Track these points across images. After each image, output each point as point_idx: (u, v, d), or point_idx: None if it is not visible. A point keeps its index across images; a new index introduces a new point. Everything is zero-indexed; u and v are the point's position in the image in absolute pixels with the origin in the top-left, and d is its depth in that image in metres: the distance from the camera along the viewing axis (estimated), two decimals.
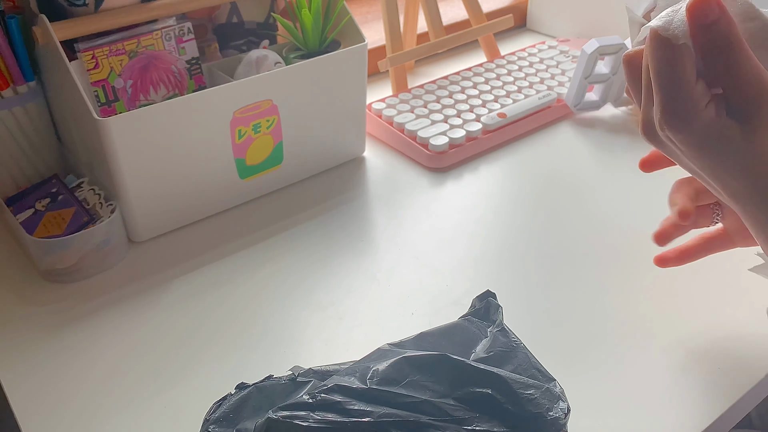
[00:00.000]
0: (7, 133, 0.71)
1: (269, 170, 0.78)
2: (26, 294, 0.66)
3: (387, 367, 0.44)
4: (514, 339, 0.48)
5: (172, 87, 0.73)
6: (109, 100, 0.69)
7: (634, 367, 0.57)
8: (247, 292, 0.66)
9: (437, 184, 0.82)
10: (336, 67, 0.77)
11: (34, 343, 0.60)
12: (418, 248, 0.71)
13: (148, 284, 0.67)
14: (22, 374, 0.57)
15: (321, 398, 0.42)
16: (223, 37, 0.82)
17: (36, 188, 0.71)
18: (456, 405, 0.43)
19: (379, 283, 0.67)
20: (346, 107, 0.81)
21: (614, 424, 0.52)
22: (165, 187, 0.70)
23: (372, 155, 0.87)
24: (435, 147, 0.83)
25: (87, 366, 0.58)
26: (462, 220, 0.76)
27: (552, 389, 0.44)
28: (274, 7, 0.84)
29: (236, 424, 0.44)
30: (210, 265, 0.69)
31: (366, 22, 1.13)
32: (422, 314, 0.63)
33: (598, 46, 0.87)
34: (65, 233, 0.66)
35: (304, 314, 0.63)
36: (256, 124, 0.74)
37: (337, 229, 0.74)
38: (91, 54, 0.67)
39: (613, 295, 0.64)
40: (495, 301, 0.52)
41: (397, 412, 0.42)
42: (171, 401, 0.55)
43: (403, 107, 0.90)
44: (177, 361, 0.58)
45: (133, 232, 0.71)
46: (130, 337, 0.61)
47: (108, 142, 0.64)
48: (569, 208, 0.77)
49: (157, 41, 0.70)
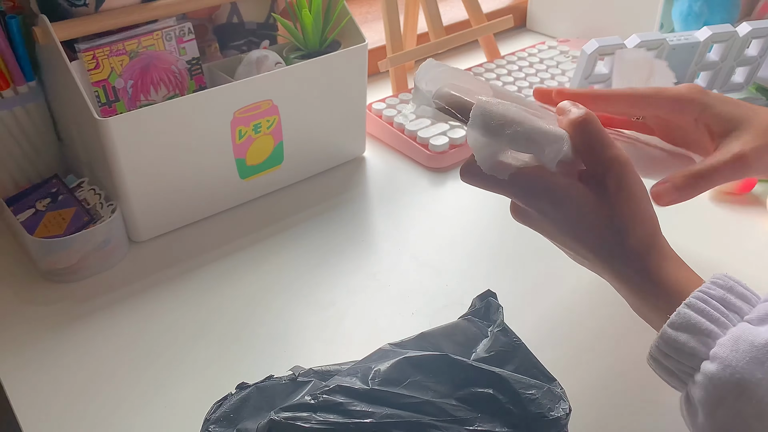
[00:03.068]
0: (8, 133, 0.71)
1: (269, 170, 0.78)
2: (26, 294, 0.66)
3: (388, 368, 0.44)
4: (515, 339, 0.48)
5: (173, 87, 0.73)
6: (109, 100, 0.69)
7: (634, 367, 0.57)
8: (248, 292, 0.66)
9: (437, 184, 0.82)
10: (336, 67, 0.77)
11: (35, 342, 0.60)
12: (418, 248, 0.71)
13: (148, 284, 0.67)
14: (22, 374, 0.57)
15: (323, 399, 0.42)
16: (224, 38, 0.82)
17: (36, 188, 0.71)
18: (458, 405, 0.43)
19: (379, 283, 0.67)
20: (346, 107, 0.81)
21: (614, 424, 0.53)
22: (165, 187, 0.70)
23: (372, 155, 0.87)
24: (435, 147, 0.83)
25: (87, 366, 0.58)
26: (462, 220, 0.76)
27: (553, 389, 0.45)
28: (274, 7, 0.84)
29: (236, 424, 0.44)
30: (210, 265, 0.69)
31: (366, 22, 1.13)
32: (422, 314, 0.63)
33: (598, 47, 0.86)
34: (66, 233, 0.66)
35: (304, 314, 0.63)
36: (257, 124, 0.74)
37: (337, 229, 0.74)
38: (91, 54, 0.67)
39: (614, 295, 0.64)
40: (495, 300, 0.52)
41: (399, 413, 0.42)
42: (171, 401, 0.55)
43: (403, 107, 0.91)
44: (177, 360, 0.58)
45: (133, 232, 0.71)
46: (131, 337, 0.61)
47: (108, 142, 0.64)
48: None
49: (157, 41, 0.70)
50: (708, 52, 0.83)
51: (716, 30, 0.80)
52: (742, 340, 0.41)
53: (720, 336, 0.41)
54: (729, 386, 0.40)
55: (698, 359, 0.42)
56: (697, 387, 0.41)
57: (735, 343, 0.41)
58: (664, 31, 1.03)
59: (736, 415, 0.40)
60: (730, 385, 0.40)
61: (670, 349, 0.43)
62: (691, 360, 0.42)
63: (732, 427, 0.40)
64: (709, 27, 0.81)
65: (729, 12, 0.98)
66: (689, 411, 0.43)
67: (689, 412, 0.43)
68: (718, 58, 0.83)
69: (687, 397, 0.43)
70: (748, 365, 0.40)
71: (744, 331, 0.41)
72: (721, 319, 0.42)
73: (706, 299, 0.43)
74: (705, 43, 0.81)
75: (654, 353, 0.44)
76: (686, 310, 0.43)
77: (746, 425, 0.39)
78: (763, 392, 0.39)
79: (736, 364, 0.40)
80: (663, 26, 1.03)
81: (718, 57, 0.83)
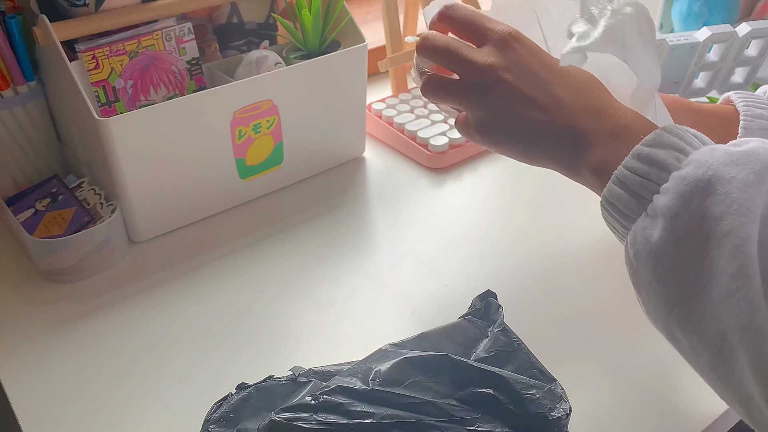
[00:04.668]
0: (8, 133, 0.71)
1: (269, 170, 0.78)
2: (26, 294, 0.66)
3: (389, 368, 0.44)
4: (515, 339, 0.48)
5: (173, 87, 0.73)
6: (109, 101, 0.69)
7: (635, 366, 0.57)
8: (248, 292, 0.66)
9: (437, 184, 0.82)
10: (336, 67, 0.77)
11: (35, 342, 0.60)
12: (418, 248, 0.71)
13: (148, 284, 0.67)
14: (22, 374, 0.57)
15: (323, 400, 0.42)
16: (223, 38, 0.82)
17: (36, 188, 0.71)
18: (458, 405, 0.43)
19: (379, 283, 0.67)
20: (346, 107, 0.81)
21: (614, 424, 0.53)
22: (165, 187, 0.70)
23: (372, 155, 0.87)
24: (435, 147, 0.83)
25: (87, 366, 0.58)
26: (462, 220, 0.76)
27: (554, 389, 0.45)
28: (274, 7, 0.84)
29: (236, 424, 0.45)
30: (210, 265, 0.69)
31: (366, 22, 1.13)
32: (422, 314, 0.63)
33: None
34: (65, 233, 0.66)
35: (304, 314, 0.63)
36: (257, 124, 0.74)
37: (337, 229, 0.74)
38: (91, 54, 0.67)
39: (614, 295, 0.64)
40: (495, 300, 0.52)
41: (400, 413, 0.42)
42: (171, 401, 0.55)
43: (403, 107, 0.91)
44: (177, 361, 0.58)
45: (133, 232, 0.71)
46: (130, 337, 0.61)
47: (108, 142, 0.64)
48: (569, 208, 0.77)
49: (157, 41, 0.70)
50: (707, 53, 0.83)
51: (716, 30, 0.80)
52: (718, 149, 0.39)
53: (693, 151, 0.40)
54: (700, 183, 0.38)
55: (668, 172, 0.40)
56: (663, 195, 0.39)
57: (711, 150, 0.39)
58: (663, 31, 1.04)
59: (700, 217, 0.38)
60: (702, 182, 0.38)
61: (641, 164, 0.41)
62: (660, 174, 0.40)
63: (693, 231, 0.38)
64: (709, 27, 0.81)
65: (729, 12, 0.98)
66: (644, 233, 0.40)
67: (644, 235, 0.40)
68: (718, 59, 0.84)
69: (645, 217, 0.41)
70: (722, 165, 0.38)
71: (720, 146, 0.40)
72: (695, 141, 0.41)
73: (681, 129, 0.42)
74: (704, 44, 0.81)
75: (619, 174, 0.42)
76: (662, 131, 0.41)
77: (707, 228, 0.37)
78: (733, 188, 0.37)
79: (710, 163, 0.38)
80: (663, 26, 1.03)
81: (717, 57, 0.84)
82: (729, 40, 0.81)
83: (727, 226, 0.37)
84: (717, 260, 0.37)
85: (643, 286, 0.41)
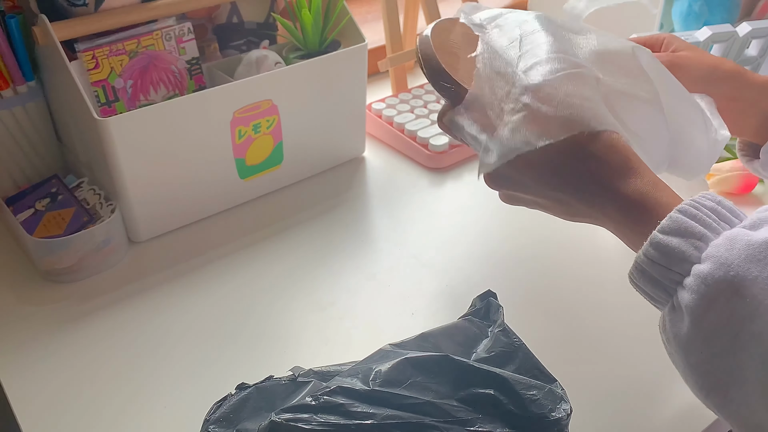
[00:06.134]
0: (7, 133, 0.71)
1: (269, 170, 0.78)
2: (26, 294, 0.66)
3: (389, 369, 0.44)
4: (515, 339, 0.48)
5: (172, 87, 0.73)
6: (109, 100, 0.69)
7: (635, 367, 0.57)
8: (248, 292, 0.66)
9: (437, 184, 0.82)
10: (336, 67, 0.77)
11: (34, 342, 0.60)
12: (418, 248, 0.71)
13: (148, 284, 0.67)
14: (22, 374, 0.57)
15: (324, 400, 0.42)
16: (223, 37, 0.82)
17: (36, 188, 0.71)
18: (459, 406, 0.43)
19: (379, 283, 0.67)
20: (346, 107, 0.81)
21: (614, 424, 0.53)
22: (165, 187, 0.70)
23: (372, 155, 0.87)
24: (435, 147, 0.83)
25: (87, 366, 0.58)
26: (462, 219, 0.76)
27: (554, 390, 0.45)
28: (274, 7, 0.84)
29: (236, 424, 0.44)
30: (210, 265, 0.69)
31: (366, 22, 1.13)
32: (422, 314, 0.63)
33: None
34: (65, 233, 0.66)
35: (304, 314, 0.63)
36: (256, 124, 0.73)
37: (337, 229, 0.74)
38: (91, 54, 0.67)
39: (614, 295, 0.64)
40: (496, 301, 0.52)
41: (400, 414, 0.42)
42: (171, 401, 0.55)
43: (403, 107, 0.91)
44: (177, 361, 0.58)
45: (133, 232, 0.71)
46: (130, 337, 0.61)
47: (108, 142, 0.64)
48: None
49: (157, 41, 0.70)
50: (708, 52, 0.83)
51: (716, 30, 0.80)
52: (737, 240, 0.38)
53: (713, 239, 0.39)
54: (722, 285, 0.37)
55: (689, 263, 0.39)
56: (687, 291, 0.38)
57: (730, 243, 0.38)
58: (664, 31, 1.03)
59: (727, 318, 0.37)
60: (724, 283, 0.37)
61: (660, 254, 0.40)
62: (681, 264, 0.39)
63: (721, 331, 0.37)
64: (709, 27, 0.80)
65: (729, 12, 0.98)
66: (672, 324, 0.40)
67: (672, 325, 0.40)
68: None
69: (671, 308, 0.40)
70: (743, 263, 0.37)
71: (739, 233, 0.38)
72: (714, 224, 0.39)
73: (698, 207, 0.40)
74: (705, 43, 0.80)
75: (640, 261, 0.41)
76: (678, 215, 0.40)
77: (736, 328, 0.36)
78: (758, 290, 0.36)
79: (731, 261, 0.37)
80: (663, 26, 1.03)
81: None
82: (729, 39, 0.81)
83: (756, 328, 0.36)
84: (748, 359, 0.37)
85: (679, 368, 0.42)
